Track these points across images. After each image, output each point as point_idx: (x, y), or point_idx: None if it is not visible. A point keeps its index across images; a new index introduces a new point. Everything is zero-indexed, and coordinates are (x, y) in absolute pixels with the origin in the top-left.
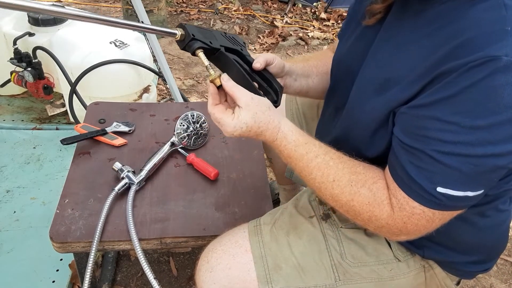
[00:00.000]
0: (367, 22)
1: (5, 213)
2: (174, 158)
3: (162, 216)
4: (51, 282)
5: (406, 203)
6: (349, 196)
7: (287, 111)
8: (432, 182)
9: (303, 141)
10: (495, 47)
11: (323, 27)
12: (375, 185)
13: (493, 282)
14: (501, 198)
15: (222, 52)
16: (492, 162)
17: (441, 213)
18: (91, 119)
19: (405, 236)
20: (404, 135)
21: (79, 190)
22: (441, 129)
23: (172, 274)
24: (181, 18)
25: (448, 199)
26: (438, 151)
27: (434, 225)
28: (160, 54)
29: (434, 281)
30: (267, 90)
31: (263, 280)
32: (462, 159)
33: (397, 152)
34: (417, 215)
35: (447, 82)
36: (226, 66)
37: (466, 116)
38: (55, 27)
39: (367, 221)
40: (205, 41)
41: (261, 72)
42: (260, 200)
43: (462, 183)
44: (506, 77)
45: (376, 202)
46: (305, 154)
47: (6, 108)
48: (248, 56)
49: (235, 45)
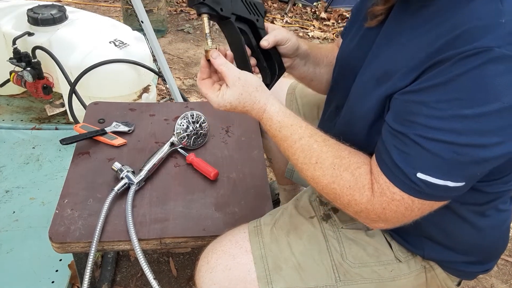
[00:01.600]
0: (369, 24)
1: (5, 213)
2: (173, 158)
3: (162, 216)
4: (51, 283)
5: (387, 188)
6: (330, 179)
7: None
8: (413, 168)
9: (288, 122)
10: (489, 38)
11: (323, 27)
12: (358, 170)
13: (493, 283)
14: (501, 198)
15: (229, 21)
16: (475, 153)
17: (420, 202)
18: (91, 119)
19: (383, 223)
20: (393, 120)
21: (79, 190)
22: (427, 114)
23: (172, 275)
24: (181, 17)
25: (428, 186)
26: (421, 136)
27: (413, 214)
28: (160, 54)
29: (435, 281)
30: (265, 70)
31: (263, 280)
32: (445, 146)
33: (384, 137)
34: (396, 201)
35: (440, 70)
36: (230, 36)
37: (454, 104)
38: (54, 26)
39: (347, 205)
40: (214, 6)
41: (268, 50)
42: (260, 200)
43: (443, 171)
44: (497, 68)
45: (357, 186)
46: (289, 136)
47: (5, 108)
48: (262, 29)
49: (251, 14)
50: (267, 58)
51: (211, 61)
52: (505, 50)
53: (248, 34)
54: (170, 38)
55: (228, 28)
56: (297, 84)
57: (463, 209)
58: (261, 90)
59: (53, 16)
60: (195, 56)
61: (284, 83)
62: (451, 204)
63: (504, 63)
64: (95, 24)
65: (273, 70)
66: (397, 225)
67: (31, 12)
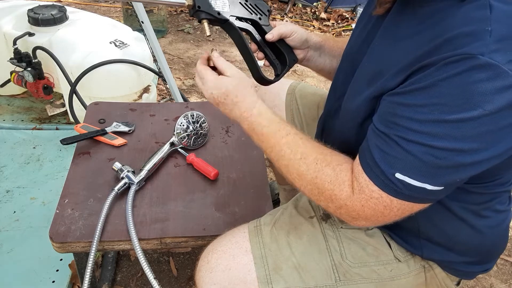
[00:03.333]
0: (377, 11)
1: (5, 213)
2: (174, 158)
3: (162, 216)
4: (51, 282)
5: (366, 186)
6: (313, 174)
7: (287, 111)
8: (392, 168)
9: (276, 120)
10: (473, 46)
11: (323, 27)
12: (339, 166)
13: (493, 282)
14: (498, 199)
15: (229, 23)
16: (454, 158)
17: (399, 202)
18: (91, 119)
19: (364, 221)
20: (378, 120)
21: (79, 190)
22: (409, 117)
23: (172, 274)
24: (181, 18)
25: (406, 187)
26: (402, 137)
27: (392, 214)
28: (160, 54)
29: (434, 281)
30: (274, 63)
31: (263, 280)
32: (424, 148)
33: (369, 136)
34: (375, 199)
35: (424, 74)
36: (232, 37)
37: (435, 108)
38: (55, 27)
39: (329, 200)
40: (211, 12)
41: (275, 43)
42: (260, 200)
43: (421, 173)
44: (479, 75)
45: (338, 182)
46: (277, 131)
47: (6, 108)
48: (266, 26)
49: (253, 13)
50: (276, 52)
51: (212, 59)
52: (488, 58)
53: (252, 32)
54: (170, 39)
55: (229, 29)
56: (297, 84)
57: (461, 210)
58: (254, 89)
59: (54, 16)
60: (195, 56)
61: (284, 83)
62: (449, 205)
63: (487, 71)
64: (95, 24)
65: (283, 62)
66: (378, 224)
67: (31, 13)
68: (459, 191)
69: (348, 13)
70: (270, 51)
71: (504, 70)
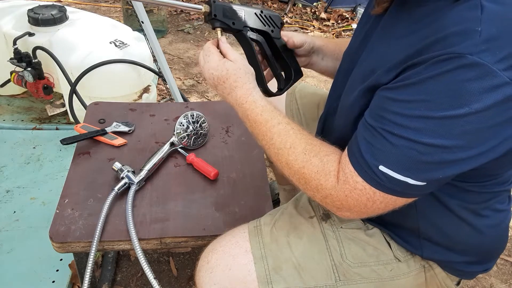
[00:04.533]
0: (375, 11)
1: (5, 213)
2: (174, 158)
3: (162, 216)
4: (51, 282)
5: (351, 176)
6: (301, 164)
7: (287, 111)
8: (377, 160)
9: (270, 108)
10: (463, 45)
11: (323, 27)
12: (327, 157)
13: (493, 282)
14: (498, 198)
15: (241, 33)
16: (437, 154)
17: (382, 195)
18: (91, 119)
19: (348, 211)
20: (368, 114)
21: (79, 190)
22: (396, 112)
23: (172, 274)
24: (181, 18)
25: (388, 179)
26: (388, 131)
27: (375, 206)
28: (160, 54)
29: (434, 281)
30: (279, 76)
31: (263, 280)
32: (408, 143)
33: (359, 129)
34: (358, 190)
35: (414, 72)
36: (243, 46)
37: (422, 104)
38: (55, 27)
39: (315, 190)
40: (226, 21)
41: (283, 56)
42: (260, 200)
43: (404, 167)
44: (467, 74)
45: (324, 172)
46: (269, 120)
47: (6, 108)
48: (277, 39)
49: (266, 25)
50: (283, 65)
51: (219, 43)
52: (477, 57)
53: (262, 44)
54: (170, 39)
55: (241, 39)
56: (297, 84)
57: (461, 209)
58: (253, 78)
59: (54, 16)
60: (195, 56)
61: None
62: (449, 204)
63: (475, 70)
64: (95, 24)
65: (288, 76)
66: (362, 216)
67: (31, 13)
68: (458, 190)
69: (348, 13)
70: (276, 63)
71: (493, 69)
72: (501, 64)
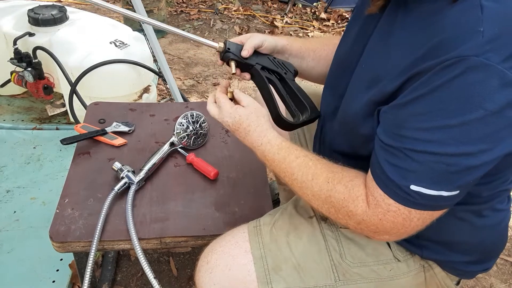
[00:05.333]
0: (370, 10)
1: (5, 213)
2: (173, 158)
3: (162, 216)
4: (51, 282)
5: (382, 200)
6: (327, 193)
7: None
8: (406, 180)
9: (285, 145)
10: (467, 47)
11: (323, 27)
12: (351, 182)
13: (493, 282)
14: (498, 198)
15: (255, 69)
16: (464, 162)
17: (418, 212)
18: (91, 119)
19: (387, 235)
20: (384, 134)
21: (79, 190)
22: (414, 127)
23: (172, 274)
24: (181, 18)
25: (422, 197)
26: (411, 149)
27: (413, 224)
28: (160, 54)
29: (434, 280)
30: (294, 113)
31: (263, 280)
32: (434, 157)
33: (377, 151)
34: (392, 212)
35: (422, 81)
36: (257, 82)
37: (438, 114)
38: (55, 27)
39: (347, 218)
40: (238, 55)
41: (298, 97)
42: (260, 200)
43: (435, 182)
44: (476, 76)
45: (351, 198)
46: (287, 156)
47: (6, 108)
48: (291, 81)
49: (279, 68)
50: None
51: (234, 93)
52: (483, 58)
53: (275, 83)
54: (171, 39)
55: (255, 75)
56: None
57: (461, 210)
58: (266, 119)
59: (54, 16)
60: (195, 56)
61: None
62: None
63: (483, 71)
64: (95, 24)
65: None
66: (402, 237)
67: (31, 13)
68: None
69: (348, 13)
70: (291, 101)
71: (500, 69)
72: (507, 63)
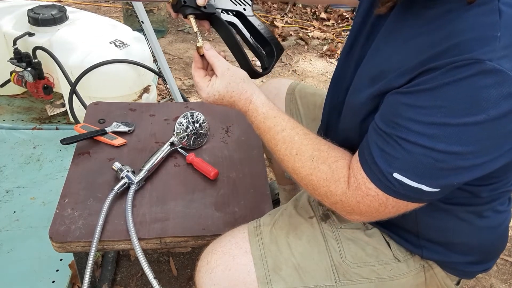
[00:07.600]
0: (379, 11)
1: (5, 213)
2: (173, 158)
3: (162, 216)
4: (51, 282)
5: (363, 183)
6: (308, 170)
7: (287, 111)
8: (391, 167)
9: (272, 114)
10: (482, 51)
11: (323, 27)
12: (336, 163)
13: (493, 282)
14: (499, 200)
15: (215, 16)
16: (454, 161)
17: (395, 200)
18: (91, 119)
19: (358, 216)
20: (380, 119)
21: (79, 190)
22: (412, 118)
23: (172, 274)
24: (181, 18)
25: (402, 186)
26: (403, 138)
27: (387, 211)
28: (160, 54)
29: (434, 280)
30: (261, 56)
31: (263, 281)
32: (424, 150)
33: (369, 134)
34: (371, 197)
35: (431, 77)
36: (221, 31)
37: (439, 111)
38: (55, 27)
39: (324, 196)
40: (196, 6)
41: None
42: (260, 200)
43: (419, 174)
44: (486, 80)
45: (333, 179)
46: (272, 127)
47: (6, 108)
48: (251, 17)
49: (237, 4)
50: (262, 43)
51: (204, 53)
52: (496, 64)
53: (238, 25)
54: (170, 39)
55: (217, 24)
56: (297, 84)
57: (461, 211)
58: (248, 81)
59: (54, 16)
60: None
61: (284, 83)
62: (449, 206)
63: (494, 77)
64: (95, 24)
65: (270, 54)
66: (372, 220)
67: (31, 13)
68: (461, 192)
69: (348, 13)
70: (256, 43)
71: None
72: None
